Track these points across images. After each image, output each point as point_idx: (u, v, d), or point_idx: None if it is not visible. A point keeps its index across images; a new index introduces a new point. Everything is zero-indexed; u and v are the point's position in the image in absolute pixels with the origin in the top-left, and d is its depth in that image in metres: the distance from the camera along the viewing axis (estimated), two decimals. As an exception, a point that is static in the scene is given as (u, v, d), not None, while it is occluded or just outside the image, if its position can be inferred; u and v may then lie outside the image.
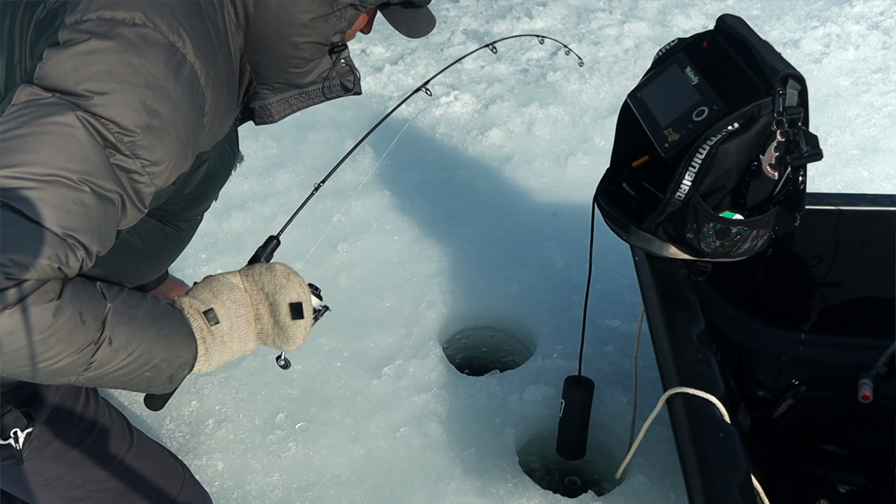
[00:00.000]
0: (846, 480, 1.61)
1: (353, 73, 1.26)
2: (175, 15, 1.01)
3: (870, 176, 2.94)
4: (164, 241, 1.29)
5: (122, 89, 0.94)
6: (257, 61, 1.17)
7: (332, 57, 1.19)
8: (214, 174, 1.23)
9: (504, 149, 3.13)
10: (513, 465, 1.79)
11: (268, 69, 1.18)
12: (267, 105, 1.24)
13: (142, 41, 0.96)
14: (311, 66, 1.18)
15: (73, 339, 0.95)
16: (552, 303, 2.28)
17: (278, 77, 1.19)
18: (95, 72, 0.93)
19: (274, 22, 1.11)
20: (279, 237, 1.33)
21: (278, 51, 1.14)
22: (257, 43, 1.14)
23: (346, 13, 1.13)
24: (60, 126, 0.91)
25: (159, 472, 1.46)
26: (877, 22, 4.12)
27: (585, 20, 4.28)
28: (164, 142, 0.99)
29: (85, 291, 0.98)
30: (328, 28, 1.13)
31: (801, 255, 1.83)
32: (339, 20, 1.13)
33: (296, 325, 1.19)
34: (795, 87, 1.34)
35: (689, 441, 1.16)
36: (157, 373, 1.07)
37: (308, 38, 1.13)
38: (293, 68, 1.17)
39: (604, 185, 1.69)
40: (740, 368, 1.85)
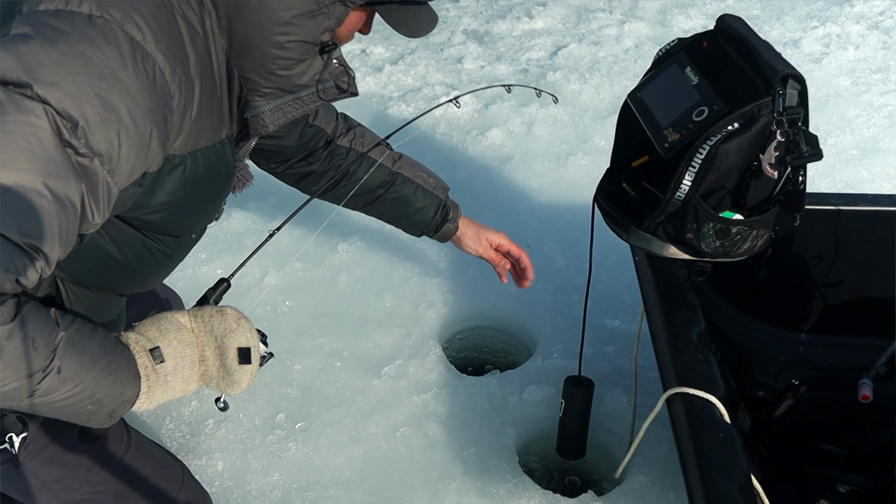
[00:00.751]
0: (846, 480, 1.61)
1: (347, 73, 1.20)
2: (136, 8, 0.97)
3: (870, 176, 2.94)
4: (147, 254, 1.25)
5: (73, 80, 0.90)
6: (243, 66, 1.13)
7: (324, 57, 1.15)
8: (197, 186, 1.17)
9: (504, 149, 3.13)
10: (513, 465, 1.79)
11: (255, 73, 1.13)
12: (260, 114, 1.18)
13: (97, 32, 0.93)
14: (300, 67, 1.14)
15: (22, 364, 0.94)
16: (552, 303, 2.28)
17: (268, 81, 1.14)
18: (47, 62, 0.90)
19: (255, 21, 1.07)
20: (230, 280, 1.29)
21: (263, 51, 1.10)
22: (241, 44, 1.10)
23: (333, 9, 1.09)
24: (19, 124, 0.89)
25: (158, 472, 1.45)
26: (877, 22, 4.12)
27: (585, 20, 4.28)
28: (122, 137, 0.95)
29: (39, 317, 0.97)
30: (315, 26, 1.09)
31: (801, 255, 1.83)
32: (327, 17, 1.09)
33: (242, 369, 1.19)
34: (795, 87, 1.34)
35: (689, 441, 1.16)
36: (100, 407, 1.06)
37: (293, 37, 1.09)
38: (281, 70, 1.13)
39: (604, 185, 1.69)
40: (740, 368, 1.85)
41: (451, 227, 1.78)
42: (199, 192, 1.18)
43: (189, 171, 1.13)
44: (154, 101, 0.98)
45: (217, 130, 1.16)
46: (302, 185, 1.74)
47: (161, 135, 1.01)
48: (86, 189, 0.95)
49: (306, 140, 1.63)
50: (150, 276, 1.36)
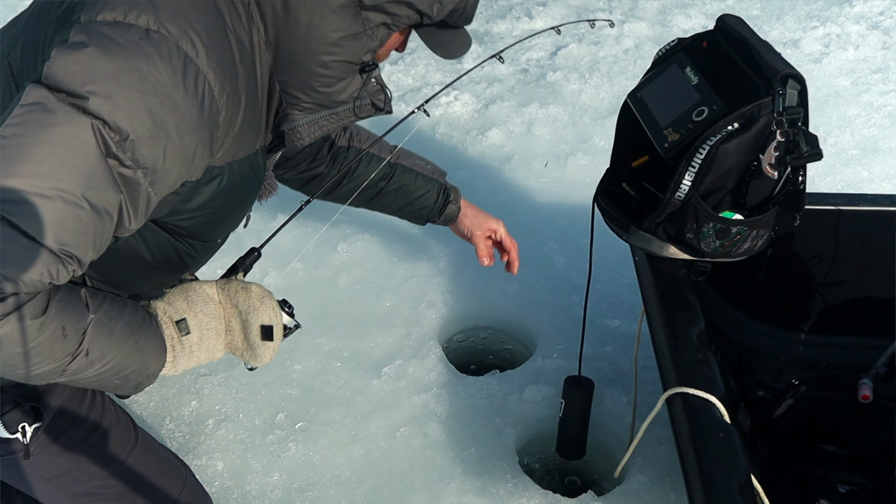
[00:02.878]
0: (846, 480, 1.61)
1: (383, 91, 1.23)
2: (191, 24, 0.99)
3: (870, 176, 2.94)
4: (175, 257, 1.28)
5: (127, 95, 0.92)
6: (286, 81, 1.16)
7: (363, 76, 1.18)
8: (231, 195, 1.21)
9: (504, 149, 3.13)
10: (513, 465, 1.79)
11: (297, 89, 1.16)
12: (297, 127, 1.22)
13: (152, 48, 0.95)
14: (341, 85, 1.17)
15: (53, 351, 1.00)
16: (552, 303, 2.28)
17: (308, 97, 1.17)
18: (102, 74, 0.92)
19: (304, 39, 1.10)
20: (260, 250, 1.34)
21: (308, 69, 1.13)
22: (286, 61, 1.13)
23: (377, 32, 1.12)
24: (66, 137, 0.91)
25: (163, 471, 1.46)
26: (877, 22, 4.12)
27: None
28: (168, 152, 0.98)
29: (70, 303, 1.02)
30: (359, 47, 1.12)
31: (801, 255, 1.83)
32: (371, 39, 1.12)
33: (265, 345, 1.24)
34: (795, 87, 1.34)
35: (689, 441, 1.16)
36: (126, 381, 1.13)
37: (338, 57, 1.12)
38: (323, 87, 1.16)
39: (604, 185, 1.69)
40: (740, 368, 1.85)
41: (454, 209, 1.80)
42: (232, 200, 1.22)
43: (226, 181, 1.16)
44: (201, 119, 1.01)
45: (254, 142, 1.19)
46: (308, 188, 1.76)
47: (205, 149, 1.05)
48: (125, 198, 0.98)
49: (314, 145, 1.66)
50: (172, 275, 1.38)
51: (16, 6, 4.44)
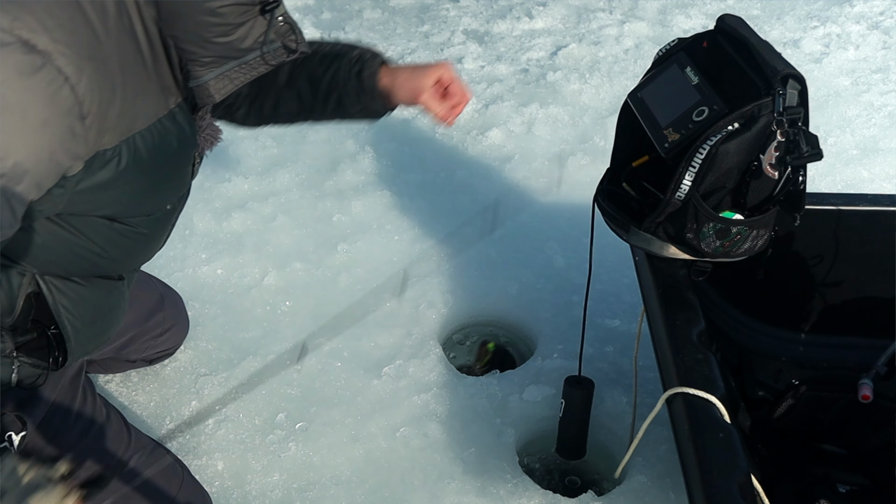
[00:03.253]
0: (846, 480, 1.61)
1: (294, 30, 1.10)
2: (27, 7, 0.88)
3: (870, 176, 2.94)
4: (120, 238, 1.22)
5: None
6: (176, 36, 1.03)
7: (266, 17, 1.05)
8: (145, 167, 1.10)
9: (504, 149, 3.13)
10: (513, 465, 1.79)
11: (191, 43, 1.04)
12: (204, 84, 1.09)
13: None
14: (241, 31, 1.04)
15: None
16: (552, 303, 2.28)
17: (206, 50, 1.05)
18: None
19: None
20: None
21: (196, 20, 1.00)
22: (170, 14, 1.00)
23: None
24: None
25: (157, 472, 1.46)
26: (877, 22, 4.12)
27: (585, 20, 4.28)
28: (14, 153, 0.89)
29: None
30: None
31: (801, 255, 1.83)
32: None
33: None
34: (795, 87, 1.34)
35: (689, 441, 1.16)
36: None
37: (227, 0, 1.00)
38: (219, 37, 1.03)
39: (604, 185, 1.69)
40: (740, 368, 1.85)
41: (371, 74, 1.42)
42: (149, 172, 1.12)
43: (127, 160, 1.06)
44: (51, 112, 0.91)
45: (158, 106, 1.09)
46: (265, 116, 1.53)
47: (66, 143, 0.94)
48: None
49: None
50: (134, 255, 1.33)
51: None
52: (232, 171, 2.92)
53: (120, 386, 1.96)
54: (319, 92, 1.45)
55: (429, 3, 4.57)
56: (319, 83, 1.44)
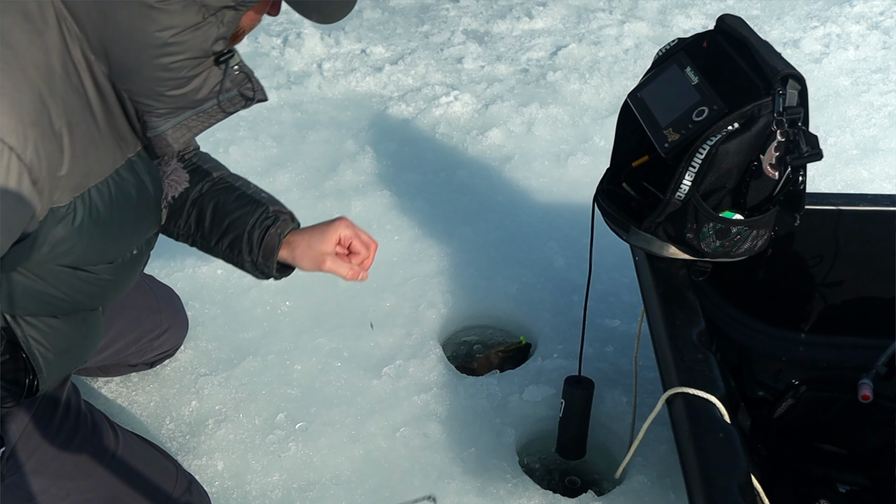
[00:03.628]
0: (846, 480, 1.61)
1: (250, 79, 1.09)
2: None
3: (870, 176, 2.94)
4: (85, 285, 1.21)
5: None
6: (130, 90, 1.02)
7: (221, 67, 1.04)
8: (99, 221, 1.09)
9: (504, 149, 3.13)
10: (513, 465, 1.79)
11: (145, 96, 1.02)
12: (162, 134, 1.08)
13: None
14: (195, 83, 1.03)
15: None
16: (552, 303, 2.28)
17: (161, 103, 1.03)
18: None
19: (130, 45, 0.96)
20: None
21: (148, 75, 0.99)
22: (121, 69, 0.99)
23: (223, 17, 0.98)
24: None
25: (150, 473, 1.45)
26: (877, 22, 4.13)
27: (585, 20, 4.28)
28: None
29: None
30: (202, 38, 0.98)
31: (801, 255, 1.83)
32: (216, 26, 0.98)
33: None
34: (795, 87, 1.34)
35: (689, 441, 1.16)
36: None
37: (179, 57, 0.97)
38: (173, 90, 1.02)
39: (604, 185, 1.69)
40: (740, 368, 1.85)
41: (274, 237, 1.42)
42: (107, 223, 1.11)
43: (82, 215, 1.06)
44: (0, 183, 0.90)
45: (114, 158, 1.08)
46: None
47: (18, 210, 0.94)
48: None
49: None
50: (99, 299, 1.31)
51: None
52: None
53: (120, 386, 1.96)
54: (218, 225, 1.42)
55: (429, 3, 4.58)
56: (224, 217, 1.41)
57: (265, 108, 3.46)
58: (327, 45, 3.96)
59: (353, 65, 3.80)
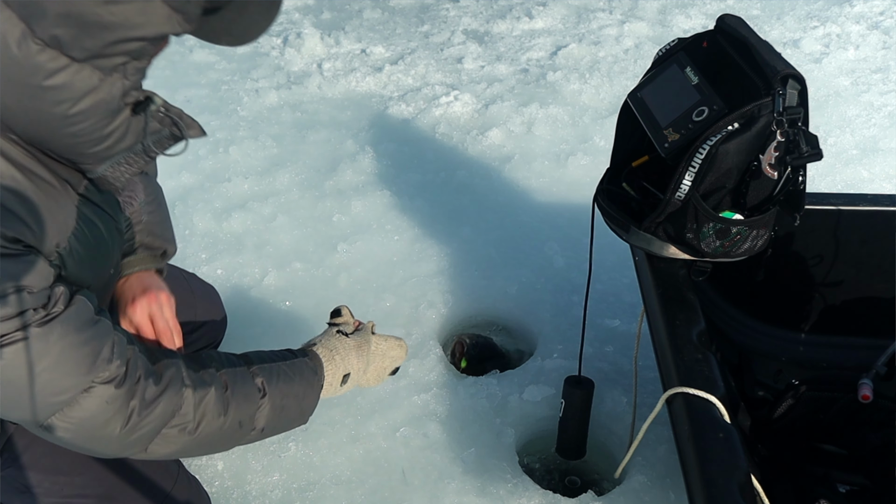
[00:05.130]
0: (846, 480, 1.61)
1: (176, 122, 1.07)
2: None
3: (870, 176, 2.94)
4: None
5: None
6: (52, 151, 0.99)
7: (142, 115, 1.01)
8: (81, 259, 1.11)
9: (504, 149, 3.13)
10: (513, 465, 1.79)
11: (70, 156, 1.00)
12: (102, 176, 1.06)
13: None
14: (114, 136, 0.99)
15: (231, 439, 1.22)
16: (552, 303, 2.28)
17: (88, 158, 1.01)
18: None
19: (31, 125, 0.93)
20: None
21: (62, 143, 0.96)
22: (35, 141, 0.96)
23: (126, 69, 0.94)
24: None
25: (148, 471, 1.45)
26: (877, 22, 4.13)
27: (585, 20, 4.28)
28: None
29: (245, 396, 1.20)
30: (109, 97, 0.94)
31: (801, 255, 1.83)
32: (123, 79, 0.95)
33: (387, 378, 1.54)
34: (795, 87, 1.34)
35: (689, 441, 1.16)
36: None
37: (85, 123, 0.94)
38: (95, 146, 0.99)
39: (604, 184, 1.69)
40: (740, 368, 1.85)
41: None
42: (86, 259, 1.13)
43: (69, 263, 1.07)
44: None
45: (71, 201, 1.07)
46: None
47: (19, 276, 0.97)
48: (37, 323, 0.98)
49: None
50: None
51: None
52: (232, 171, 2.92)
53: (120, 386, 1.96)
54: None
55: (429, 3, 4.58)
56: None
57: (265, 108, 3.46)
58: (327, 45, 3.96)
59: (353, 65, 3.81)
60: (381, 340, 1.51)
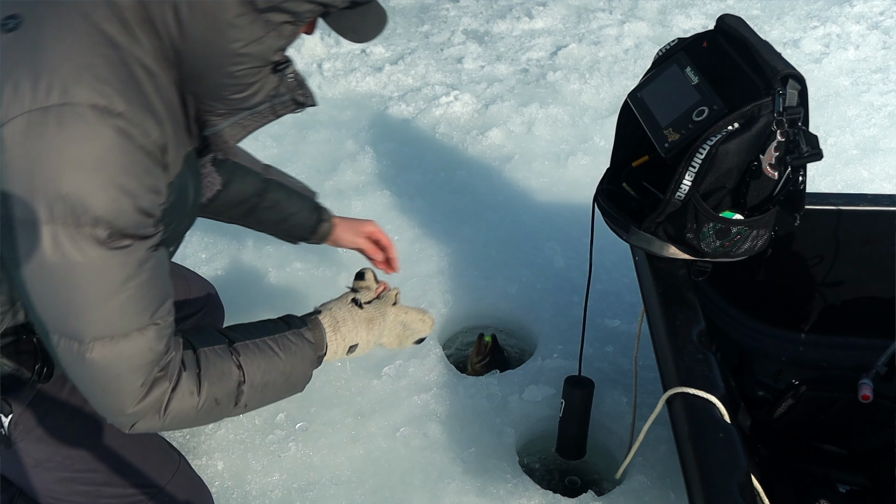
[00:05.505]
0: (846, 480, 1.61)
1: (302, 86, 1.21)
2: (96, 74, 0.99)
3: (870, 176, 2.94)
4: None
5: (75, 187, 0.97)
6: (196, 92, 1.14)
7: (277, 75, 1.15)
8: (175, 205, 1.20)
9: (504, 149, 3.13)
10: (513, 465, 1.79)
11: (209, 98, 1.15)
12: (220, 132, 1.20)
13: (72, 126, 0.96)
14: (254, 88, 1.14)
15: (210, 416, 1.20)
16: (552, 303, 2.28)
17: (223, 104, 1.16)
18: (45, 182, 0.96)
19: (203, 55, 1.07)
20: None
21: (215, 81, 1.11)
22: (191, 75, 1.11)
23: (282, 30, 1.08)
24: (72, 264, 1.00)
25: (151, 457, 1.47)
26: (877, 22, 4.13)
27: (585, 20, 4.28)
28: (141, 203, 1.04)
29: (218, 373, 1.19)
30: (265, 49, 1.09)
31: (801, 255, 1.83)
32: (277, 39, 1.09)
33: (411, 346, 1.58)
34: (795, 87, 1.34)
35: (689, 441, 1.16)
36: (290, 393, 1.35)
37: (244, 66, 1.09)
38: (235, 94, 1.13)
39: (604, 184, 1.69)
40: (740, 368, 1.85)
41: (327, 227, 1.79)
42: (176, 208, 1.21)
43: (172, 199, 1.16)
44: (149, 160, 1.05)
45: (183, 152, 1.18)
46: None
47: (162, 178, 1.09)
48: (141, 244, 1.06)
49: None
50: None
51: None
52: (232, 171, 2.92)
53: (120, 386, 1.96)
54: (276, 219, 1.75)
55: (429, 3, 4.58)
56: (280, 211, 1.74)
57: (265, 108, 3.45)
58: (327, 45, 3.96)
59: (353, 65, 3.81)
60: (402, 312, 1.48)
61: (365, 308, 1.42)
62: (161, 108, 1.08)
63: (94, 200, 0.98)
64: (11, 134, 0.96)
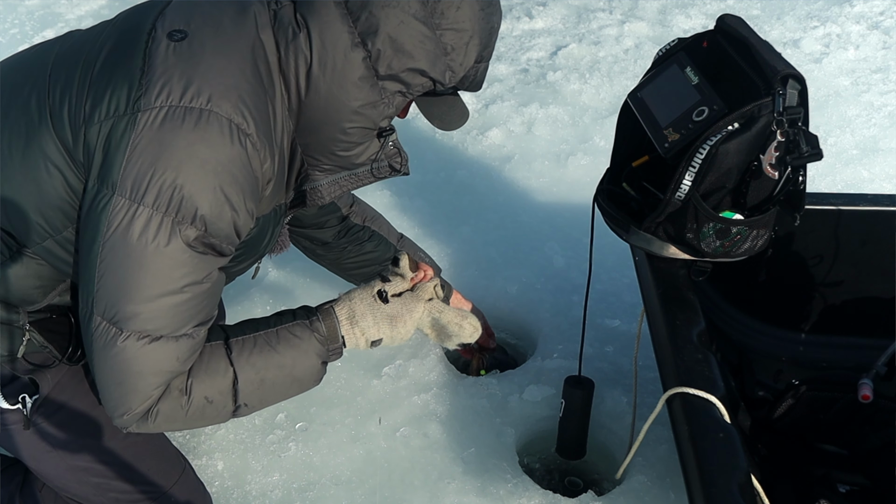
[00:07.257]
0: (846, 480, 1.61)
1: (400, 154, 1.31)
2: (241, 97, 1.09)
3: (870, 176, 2.94)
4: None
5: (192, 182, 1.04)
6: (308, 144, 1.23)
7: (381, 140, 1.25)
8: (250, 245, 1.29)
9: (504, 149, 3.13)
10: (513, 465, 1.79)
11: (318, 152, 1.24)
12: (318, 186, 1.30)
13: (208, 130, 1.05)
14: (359, 149, 1.23)
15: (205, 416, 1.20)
16: (552, 303, 2.28)
17: (328, 160, 1.25)
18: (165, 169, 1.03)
19: (324, 109, 1.17)
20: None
21: (328, 135, 1.20)
22: (307, 127, 1.20)
23: (393, 100, 1.18)
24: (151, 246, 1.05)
25: (161, 458, 1.50)
26: (877, 22, 4.12)
27: (585, 20, 4.28)
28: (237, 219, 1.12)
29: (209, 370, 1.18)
30: (376, 114, 1.19)
31: (801, 255, 1.83)
32: (387, 107, 1.19)
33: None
34: (795, 87, 1.34)
35: (689, 441, 1.16)
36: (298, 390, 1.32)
37: (357, 125, 1.19)
38: (342, 151, 1.23)
39: (604, 184, 1.69)
40: (740, 368, 1.85)
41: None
42: (250, 249, 1.29)
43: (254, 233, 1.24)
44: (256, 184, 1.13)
45: (279, 199, 1.28)
46: (311, 251, 1.86)
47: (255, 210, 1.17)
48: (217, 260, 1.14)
49: (322, 213, 1.74)
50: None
51: (15, 5, 4.44)
52: (232, 171, 2.92)
53: (120, 386, 1.96)
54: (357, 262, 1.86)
55: (429, 3, 4.57)
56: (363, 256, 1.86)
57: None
58: (327, 45, 3.95)
59: (353, 65, 3.80)
60: (436, 311, 1.35)
61: (391, 302, 1.31)
62: (277, 149, 1.17)
63: (202, 200, 1.04)
64: (147, 119, 1.03)
